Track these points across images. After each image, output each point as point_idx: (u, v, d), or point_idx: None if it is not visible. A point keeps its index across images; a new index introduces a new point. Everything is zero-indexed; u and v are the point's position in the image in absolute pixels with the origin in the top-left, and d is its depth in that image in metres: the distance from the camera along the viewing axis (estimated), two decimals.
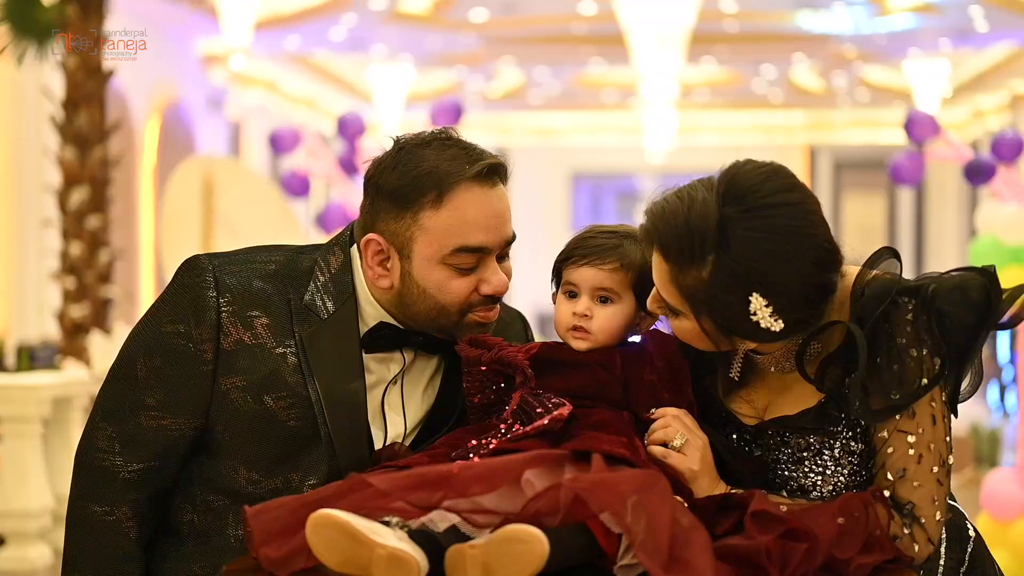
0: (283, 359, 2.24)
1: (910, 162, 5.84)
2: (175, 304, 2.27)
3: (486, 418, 2.18)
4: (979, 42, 15.16)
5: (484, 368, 2.18)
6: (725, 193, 2.03)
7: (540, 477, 1.89)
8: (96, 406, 2.33)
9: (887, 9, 13.52)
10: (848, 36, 15.09)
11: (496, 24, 14.57)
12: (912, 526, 2.03)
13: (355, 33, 14.84)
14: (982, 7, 13.17)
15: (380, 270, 2.26)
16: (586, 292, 2.23)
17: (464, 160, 2.22)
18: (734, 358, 2.18)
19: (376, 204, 2.26)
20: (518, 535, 1.76)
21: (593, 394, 2.14)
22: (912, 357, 2.04)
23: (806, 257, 2.01)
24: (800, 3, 13.54)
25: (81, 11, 8.56)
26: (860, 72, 17.61)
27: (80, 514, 2.30)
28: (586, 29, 14.94)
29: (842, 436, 2.12)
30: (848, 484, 2.12)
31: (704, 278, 2.02)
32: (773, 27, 14.82)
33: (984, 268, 2.09)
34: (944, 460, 2.06)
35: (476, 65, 17.10)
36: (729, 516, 1.96)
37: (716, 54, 16.26)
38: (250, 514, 1.94)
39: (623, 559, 1.85)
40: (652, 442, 2.11)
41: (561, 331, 2.24)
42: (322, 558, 1.84)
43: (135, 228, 12.87)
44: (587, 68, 17.66)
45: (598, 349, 2.21)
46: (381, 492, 1.87)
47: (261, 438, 2.25)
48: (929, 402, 2.05)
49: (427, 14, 14.04)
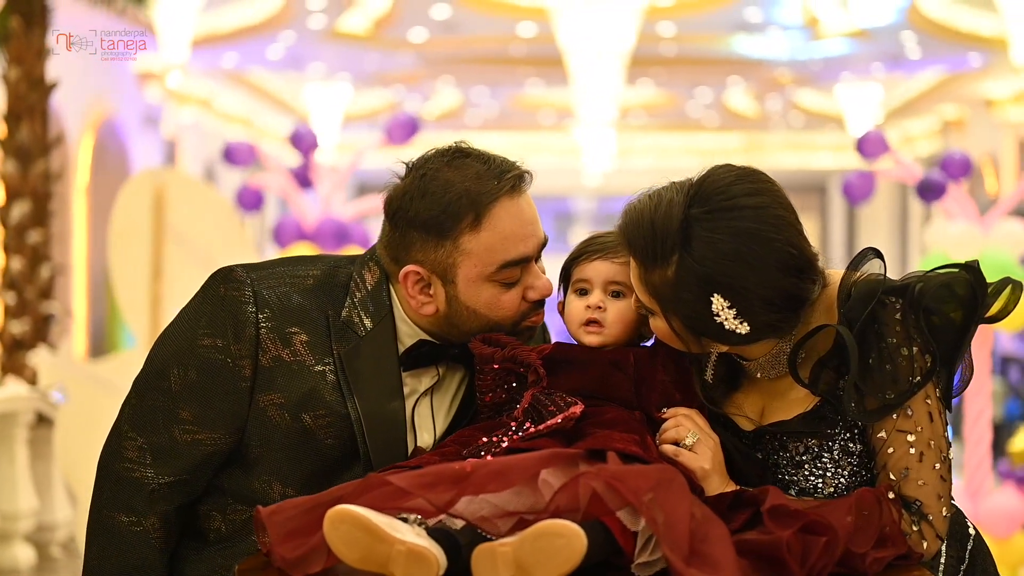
0: (322, 377, 2.21)
1: (861, 181, 5.93)
2: (213, 317, 2.22)
3: (497, 417, 2.18)
4: (911, 68, 15.43)
5: (497, 367, 2.18)
6: (694, 195, 2.06)
7: (556, 476, 1.88)
8: (123, 415, 2.28)
9: (821, 34, 13.72)
10: (783, 61, 15.29)
11: (435, 44, 14.59)
12: (920, 523, 2.05)
13: (293, 51, 14.80)
14: (914, 33, 13.41)
15: (423, 298, 2.23)
16: (599, 286, 2.24)
17: (490, 176, 2.19)
18: (707, 362, 2.20)
19: (409, 236, 2.22)
20: (555, 530, 1.75)
21: (605, 394, 2.14)
22: (903, 356, 2.06)
23: (767, 261, 2.02)
24: (736, 27, 13.70)
25: (24, 23, 8.45)
26: (794, 96, 17.84)
27: (106, 523, 2.26)
28: (525, 50, 15.01)
29: (840, 438, 2.14)
30: (849, 485, 2.13)
31: (669, 277, 2.05)
32: (710, 51, 14.98)
33: (968, 264, 2.11)
34: (945, 456, 2.09)
35: (414, 85, 17.10)
36: (741, 513, 1.96)
37: (653, 76, 16.39)
38: (264, 514, 1.92)
39: (640, 556, 1.85)
40: (664, 441, 2.11)
41: (573, 328, 2.25)
42: (340, 554, 1.82)
43: (68, 245, 12.69)
44: (525, 89, 17.73)
45: (611, 348, 2.21)
46: (399, 490, 1.86)
47: (297, 455, 2.22)
48: (924, 399, 2.07)
49: (366, 33, 14.03)
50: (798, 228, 2.09)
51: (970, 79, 15.28)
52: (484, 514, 1.86)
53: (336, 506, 1.82)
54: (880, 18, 12.89)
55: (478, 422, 2.22)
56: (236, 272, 2.24)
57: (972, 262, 2.13)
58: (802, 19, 13.18)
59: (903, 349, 2.06)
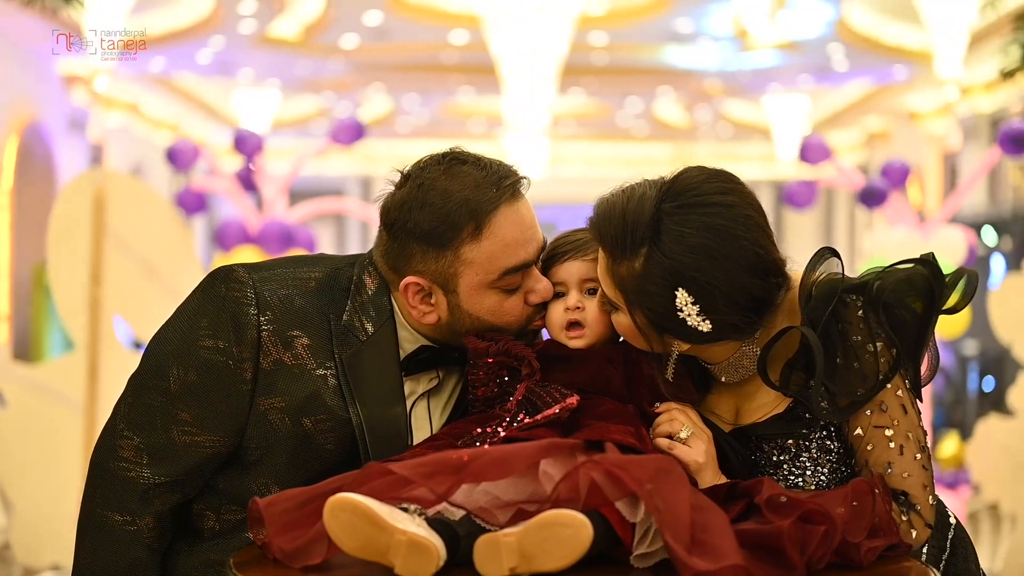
0: (323, 381, 2.20)
1: (803, 188, 6.00)
2: (214, 318, 2.19)
3: (488, 411, 2.17)
4: (837, 80, 15.63)
5: (491, 360, 2.18)
6: (667, 190, 2.09)
7: (555, 466, 1.89)
8: (118, 414, 2.25)
9: (751, 46, 13.85)
10: (713, 71, 15.41)
11: (366, 51, 14.53)
12: (909, 513, 2.08)
13: (222, 57, 14.66)
14: (842, 45, 13.60)
15: (425, 308, 2.23)
16: (574, 286, 2.25)
17: (488, 184, 2.19)
18: (668, 360, 2.21)
19: (408, 247, 2.20)
20: (562, 520, 1.75)
21: (597, 388, 2.16)
22: (869, 352, 2.09)
23: (734, 258, 2.05)
24: (667, 37, 13.80)
25: None
26: (723, 107, 17.99)
27: (98, 522, 2.22)
28: (457, 58, 15.00)
29: (816, 436, 2.16)
30: (830, 482, 2.16)
31: (636, 270, 2.07)
32: (641, 60, 15.07)
33: (924, 258, 2.15)
34: (923, 445, 2.12)
35: (345, 92, 17.01)
36: (735, 504, 1.97)
37: (585, 86, 16.46)
38: (262, 505, 1.90)
39: (639, 548, 1.86)
40: (658, 435, 2.13)
41: (555, 332, 2.25)
42: (340, 543, 1.81)
43: None
44: (456, 97, 17.72)
45: (599, 345, 2.22)
46: (400, 478, 1.85)
47: (297, 459, 2.20)
48: (896, 393, 2.11)
49: (297, 39, 13.94)
50: (767, 231, 2.12)
51: (895, 92, 15.52)
52: (483, 504, 1.86)
53: (337, 495, 1.81)
54: (809, 31, 13.05)
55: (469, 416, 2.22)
56: (237, 272, 2.22)
57: (928, 255, 2.17)
58: (732, 30, 13.30)
59: (868, 346, 2.10)
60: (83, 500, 2.26)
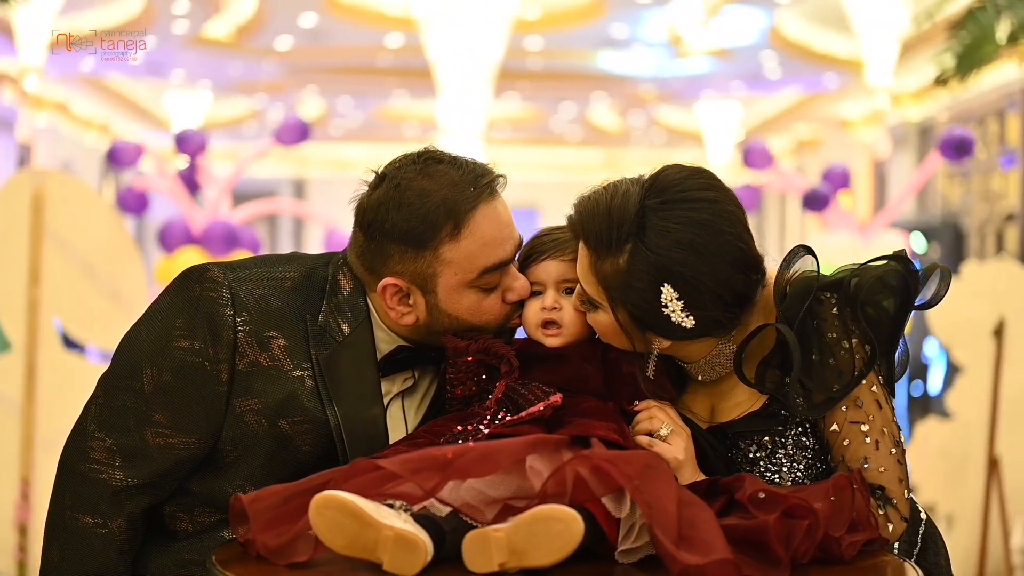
0: (300, 383, 2.17)
1: (746, 193, 6.06)
2: (189, 318, 2.15)
3: (466, 410, 2.17)
4: (769, 87, 15.80)
5: (471, 359, 2.17)
6: (650, 187, 2.10)
7: (542, 462, 1.89)
8: (88, 414, 2.20)
9: (685, 52, 13.96)
10: (647, 77, 15.51)
11: (300, 52, 14.46)
12: (885, 507, 2.11)
13: (154, 57, 14.51)
14: (774, 53, 13.74)
15: (403, 308, 2.21)
16: (551, 286, 2.25)
17: (465, 183, 2.17)
18: (647, 358, 2.23)
19: (385, 248, 2.18)
20: (553, 514, 1.75)
21: (576, 386, 2.16)
22: (844, 349, 2.11)
23: (719, 253, 2.06)
24: (602, 43, 13.86)
25: None
26: (656, 113, 18.11)
27: (68, 525, 2.18)
28: (391, 61, 14.96)
29: (793, 433, 2.18)
30: (806, 478, 2.18)
31: (620, 266, 2.07)
32: (575, 65, 15.13)
33: (897, 255, 2.18)
34: (898, 440, 2.15)
35: (278, 93, 16.92)
36: (716, 501, 1.98)
37: (520, 90, 16.49)
38: (246, 501, 1.88)
39: (624, 543, 1.86)
40: (638, 432, 2.13)
41: (531, 330, 2.25)
42: (326, 540, 1.80)
43: None
44: (390, 100, 17.68)
45: (577, 343, 2.22)
46: (388, 474, 1.84)
47: (273, 461, 2.18)
48: (871, 388, 2.13)
49: (229, 40, 13.83)
50: (747, 226, 2.14)
51: (826, 99, 15.72)
52: (469, 500, 1.86)
53: (322, 492, 1.80)
54: (742, 38, 13.18)
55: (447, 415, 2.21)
56: (212, 272, 2.18)
57: (900, 252, 2.20)
58: (667, 37, 13.40)
59: (843, 343, 2.12)
60: (51, 502, 2.21)
